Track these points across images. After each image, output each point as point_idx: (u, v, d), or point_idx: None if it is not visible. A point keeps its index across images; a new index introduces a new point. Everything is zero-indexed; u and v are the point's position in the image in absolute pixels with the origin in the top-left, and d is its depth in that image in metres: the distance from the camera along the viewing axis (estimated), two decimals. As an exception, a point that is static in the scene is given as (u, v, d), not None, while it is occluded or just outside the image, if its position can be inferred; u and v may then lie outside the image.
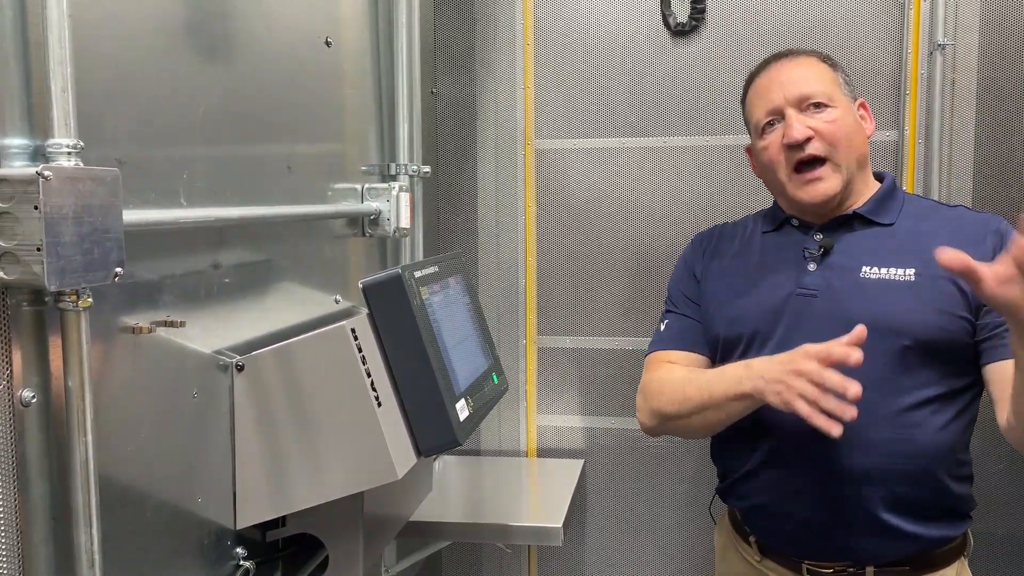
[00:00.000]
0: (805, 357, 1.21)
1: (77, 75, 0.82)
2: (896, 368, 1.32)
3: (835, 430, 1.16)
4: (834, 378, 1.17)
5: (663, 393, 1.46)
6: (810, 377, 1.19)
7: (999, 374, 1.30)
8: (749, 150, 1.55)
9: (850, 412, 1.16)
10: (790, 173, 1.41)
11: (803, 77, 1.43)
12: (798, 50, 1.49)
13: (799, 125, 1.38)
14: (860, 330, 1.19)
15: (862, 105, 1.47)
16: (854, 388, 1.16)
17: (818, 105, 1.40)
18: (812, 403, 1.18)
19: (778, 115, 1.42)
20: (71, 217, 0.77)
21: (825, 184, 1.38)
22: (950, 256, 1.06)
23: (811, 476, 1.35)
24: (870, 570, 1.36)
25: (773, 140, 1.43)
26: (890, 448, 1.30)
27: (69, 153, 0.80)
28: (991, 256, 1.31)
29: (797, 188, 1.40)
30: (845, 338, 1.20)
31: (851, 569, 1.37)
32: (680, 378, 1.46)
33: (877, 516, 1.32)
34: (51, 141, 0.80)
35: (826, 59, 1.47)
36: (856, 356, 1.17)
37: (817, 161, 1.39)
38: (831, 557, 1.38)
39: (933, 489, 1.33)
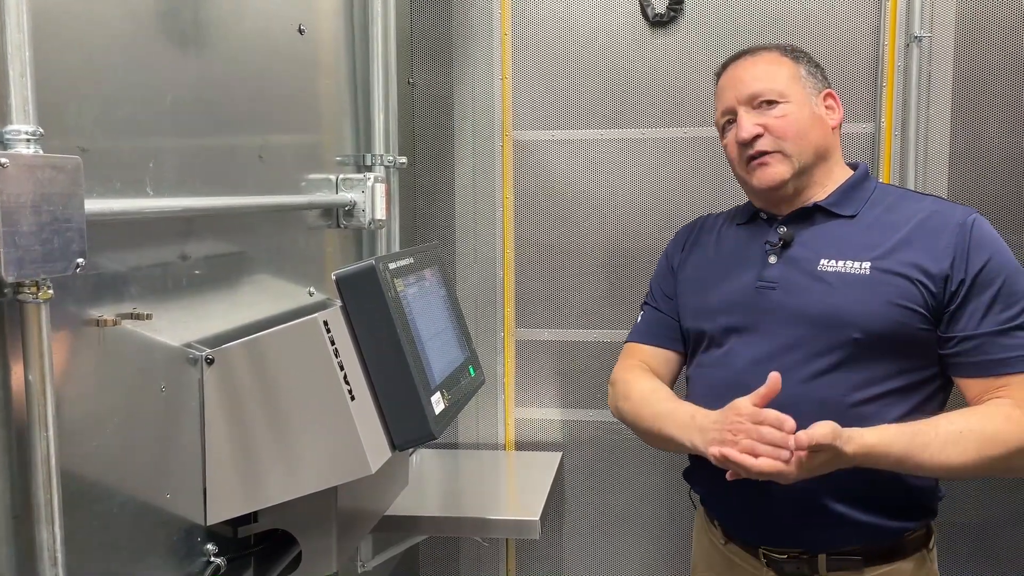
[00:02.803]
0: (738, 417, 1.26)
1: (38, 60, 0.80)
2: (848, 361, 1.33)
3: (769, 470, 1.22)
4: (773, 436, 1.22)
5: (627, 399, 1.53)
6: (748, 434, 1.24)
7: (970, 392, 1.34)
8: None
9: (782, 456, 1.22)
10: (745, 167, 1.45)
11: (755, 76, 1.45)
12: (759, 47, 1.51)
13: (747, 124, 1.42)
14: (774, 378, 1.25)
15: (829, 95, 1.48)
16: (789, 424, 1.22)
17: (770, 102, 1.42)
18: (751, 454, 1.23)
19: (733, 114, 1.46)
20: (29, 206, 0.75)
21: (772, 169, 1.41)
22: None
23: None
24: (822, 557, 1.38)
25: (730, 139, 1.47)
26: None
27: (28, 140, 0.78)
28: (950, 253, 1.32)
29: (751, 176, 1.44)
30: (762, 390, 1.25)
31: (804, 555, 1.39)
32: (643, 394, 1.50)
33: (826, 505, 1.34)
34: (9, 128, 0.77)
35: (789, 52, 1.48)
36: (790, 425, 1.22)
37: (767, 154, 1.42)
38: (785, 543, 1.40)
39: (885, 481, 1.34)
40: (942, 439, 1.24)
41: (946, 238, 1.33)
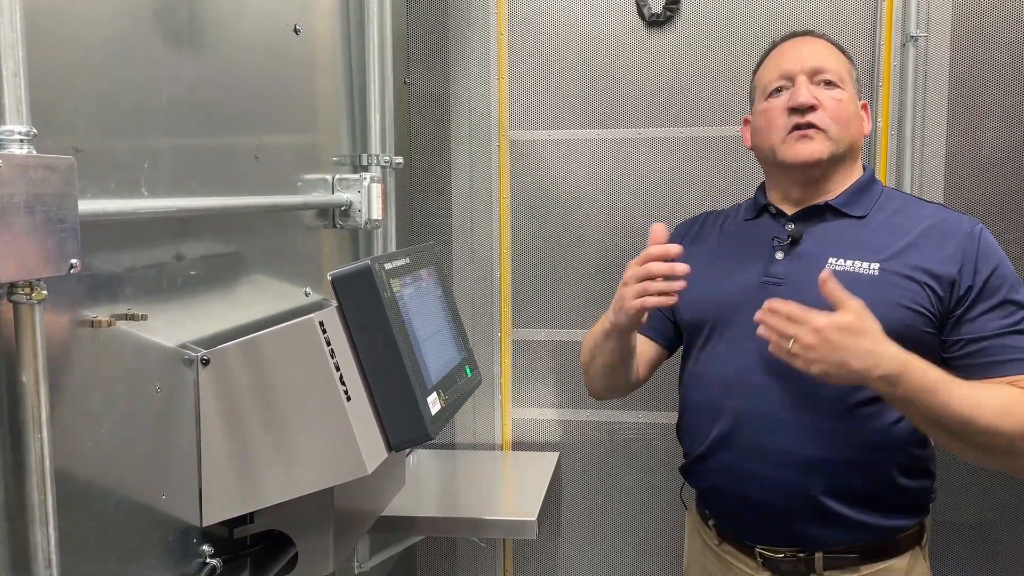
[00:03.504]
0: (627, 270, 1.31)
1: (31, 59, 0.79)
2: None
3: (672, 296, 1.28)
4: (658, 267, 1.27)
5: (583, 346, 1.59)
6: (636, 276, 1.29)
7: None
8: (747, 120, 1.56)
9: (677, 272, 1.27)
10: (785, 136, 1.42)
11: (821, 54, 1.46)
12: (824, 35, 1.52)
13: (806, 91, 1.40)
14: (657, 227, 1.30)
15: (864, 107, 1.50)
16: (673, 249, 1.27)
17: (829, 83, 1.42)
18: (644, 294, 1.29)
19: (790, 80, 1.44)
20: (23, 206, 0.75)
21: (814, 144, 1.40)
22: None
23: (759, 462, 1.36)
24: (819, 556, 1.38)
25: (777, 103, 1.44)
26: (839, 439, 1.31)
27: (21, 140, 0.77)
28: (958, 259, 1.32)
29: (788, 147, 1.42)
30: (650, 238, 1.30)
31: (801, 555, 1.39)
32: (589, 334, 1.57)
33: (823, 504, 1.34)
34: (2, 128, 0.77)
35: (845, 52, 1.51)
36: (675, 250, 1.27)
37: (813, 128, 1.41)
38: (781, 542, 1.40)
39: (883, 481, 1.34)
40: (969, 387, 1.22)
41: (954, 244, 1.34)
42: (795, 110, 1.40)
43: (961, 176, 2.05)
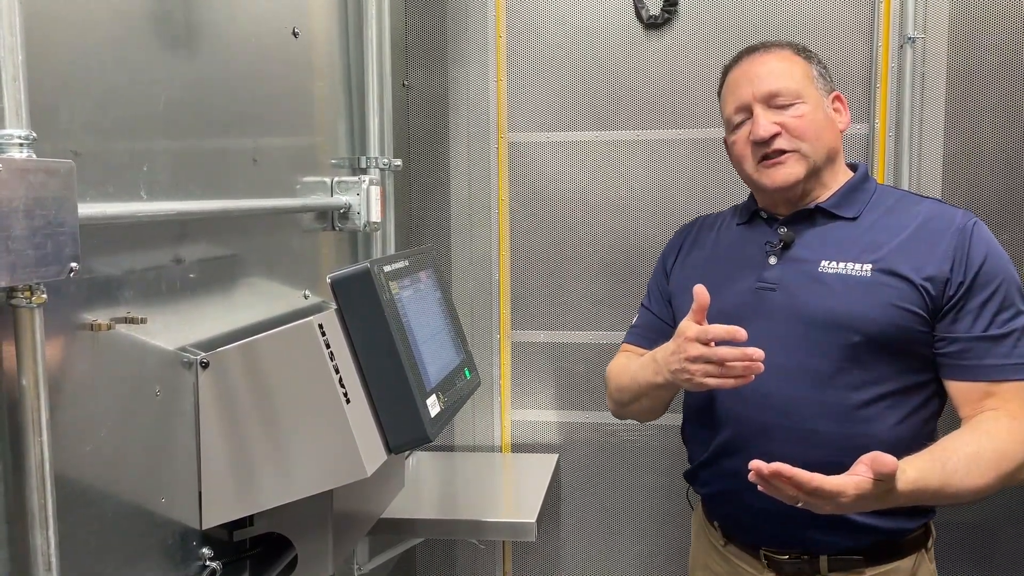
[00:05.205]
0: (688, 342, 1.26)
1: (30, 63, 0.79)
2: (849, 363, 1.33)
3: (748, 380, 1.23)
4: (732, 354, 1.22)
5: (611, 381, 1.58)
6: (707, 359, 1.24)
7: (958, 396, 1.33)
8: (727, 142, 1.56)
9: (756, 368, 1.22)
10: (756, 166, 1.43)
11: (773, 72, 1.43)
12: (772, 43, 1.49)
13: (765, 122, 1.39)
14: (699, 290, 1.26)
15: (837, 98, 1.47)
16: (757, 353, 1.21)
17: (786, 102, 1.40)
18: (719, 376, 1.24)
19: (747, 111, 1.43)
20: (22, 210, 0.75)
21: (787, 169, 1.39)
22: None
23: None
24: (824, 559, 1.38)
25: (741, 135, 1.45)
26: (843, 443, 1.30)
27: (21, 144, 0.77)
28: (950, 256, 1.32)
29: (762, 175, 1.42)
30: (695, 305, 1.27)
31: (805, 557, 1.39)
32: (620, 368, 1.55)
33: None
34: (1, 132, 0.77)
35: (801, 51, 1.47)
36: (741, 335, 1.22)
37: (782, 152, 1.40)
38: (786, 545, 1.40)
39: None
40: (964, 463, 1.23)
41: (946, 241, 1.33)
42: (758, 143, 1.40)
43: (959, 177, 2.05)
